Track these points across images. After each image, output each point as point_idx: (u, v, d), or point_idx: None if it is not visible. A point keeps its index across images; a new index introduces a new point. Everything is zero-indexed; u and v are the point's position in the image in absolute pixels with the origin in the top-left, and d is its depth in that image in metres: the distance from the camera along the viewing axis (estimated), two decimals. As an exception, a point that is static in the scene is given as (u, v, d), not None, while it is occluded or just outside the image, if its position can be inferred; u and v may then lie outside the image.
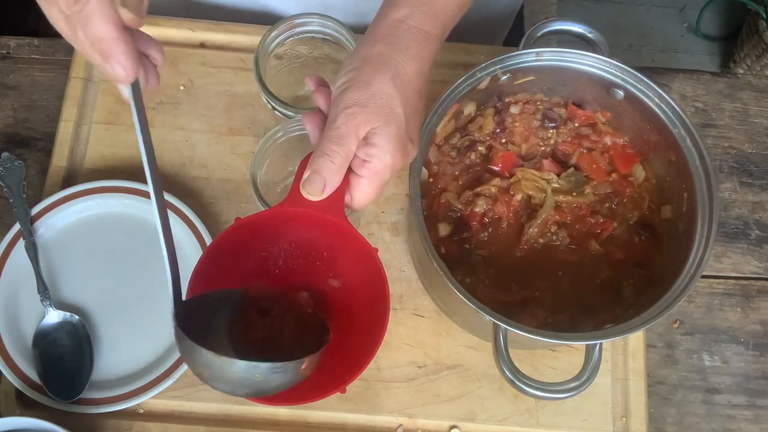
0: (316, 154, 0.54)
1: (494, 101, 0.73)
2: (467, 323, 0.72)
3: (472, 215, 0.70)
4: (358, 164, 0.55)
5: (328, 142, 0.54)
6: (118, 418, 0.70)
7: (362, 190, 0.55)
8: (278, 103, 0.69)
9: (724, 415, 0.75)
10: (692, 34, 2.00)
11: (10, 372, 0.69)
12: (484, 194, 0.70)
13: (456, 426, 0.72)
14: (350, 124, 0.53)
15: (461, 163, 0.73)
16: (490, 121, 0.73)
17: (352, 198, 0.56)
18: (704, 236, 0.63)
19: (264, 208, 0.63)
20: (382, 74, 0.54)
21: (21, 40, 0.86)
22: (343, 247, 0.60)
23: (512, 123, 0.74)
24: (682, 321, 0.78)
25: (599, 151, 0.73)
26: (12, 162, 0.78)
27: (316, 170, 0.54)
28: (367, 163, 0.54)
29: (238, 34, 0.84)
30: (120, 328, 0.72)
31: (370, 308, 0.59)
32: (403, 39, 0.56)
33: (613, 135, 0.73)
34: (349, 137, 0.53)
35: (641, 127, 0.70)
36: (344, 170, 0.55)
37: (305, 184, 0.55)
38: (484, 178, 0.72)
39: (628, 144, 0.73)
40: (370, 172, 0.55)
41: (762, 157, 0.84)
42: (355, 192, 0.56)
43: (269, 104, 0.70)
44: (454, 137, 0.73)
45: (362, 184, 0.55)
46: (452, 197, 0.71)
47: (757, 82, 0.87)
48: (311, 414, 0.72)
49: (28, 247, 0.72)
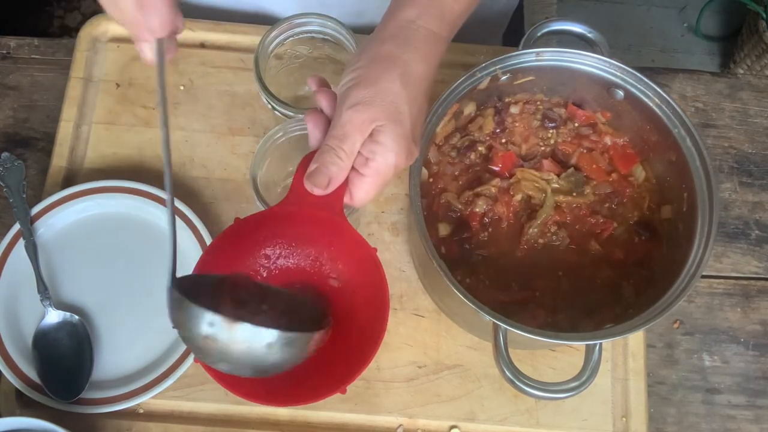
0: (323, 149, 0.54)
1: (494, 101, 0.73)
2: (467, 323, 0.72)
3: (472, 215, 0.70)
4: (361, 162, 0.55)
5: (334, 139, 0.54)
6: (118, 418, 0.70)
7: (363, 189, 0.55)
8: (278, 103, 0.69)
9: (724, 415, 0.75)
10: (692, 34, 2.00)
11: (10, 372, 0.69)
12: (484, 194, 0.70)
13: (456, 426, 0.72)
14: (355, 121, 0.53)
15: (461, 163, 0.73)
16: (490, 121, 0.73)
17: (352, 196, 0.56)
18: (704, 236, 0.63)
19: (264, 207, 0.63)
20: (389, 73, 0.54)
21: (21, 40, 0.86)
22: (343, 247, 0.59)
23: (512, 123, 0.74)
24: (682, 321, 0.78)
25: (599, 151, 0.73)
26: (12, 162, 0.78)
27: (322, 164, 0.54)
28: (370, 161, 0.54)
29: (238, 34, 0.84)
30: (120, 328, 0.72)
31: (369, 308, 0.59)
32: (412, 39, 0.56)
33: (613, 135, 0.73)
34: (354, 134, 0.53)
35: (641, 127, 0.70)
36: (349, 166, 0.54)
37: (310, 176, 0.55)
38: (484, 178, 0.72)
39: (628, 144, 0.73)
40: (372, 170, 0.54)
41: (762, 157, 0.84)
42: (356, 190, 0.55)
43: (269, 104, 0.70)
44: (454, 137, 0.73)
45: (364, 183, 0.55)
46: (452, 197, 0.71)
47: (757, 82, 0.87)
48: (311, 414, 0.72)
49: (28, 247, 0.72)
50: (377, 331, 0.56)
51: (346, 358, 0.58)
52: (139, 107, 0.81)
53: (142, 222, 0.75)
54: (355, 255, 0.58)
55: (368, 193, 0.56)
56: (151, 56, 0.54)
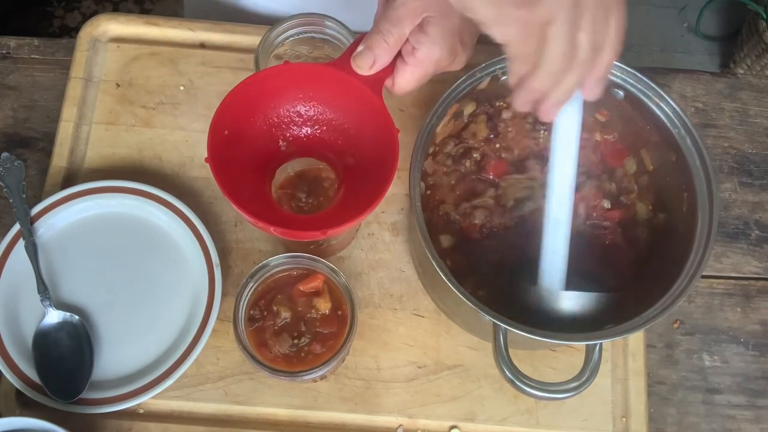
0: (373, 31, 0.57)
1: (485, 107, 0.73)
2: (467, 323, 0.72)
3: (470, 227, 0.70)
4: (408, 51, 0.57)
5: (385, 22, 0.56)
6: (118, 418, 0.70)
7: (405, 77, 0.58)
8: (278, 103, 0.69)
9: (724, 415, 0.75)
10: (692, 34, 2.00)
11: (10, 372, 0.69)
12: (482, 206, 0.70)
13: (456, 426, 0.72)
14: (409, 7, 0.55)
15: (456, 171, 0.72)
16: (484, 128, 0.73)
17: (393, 83, 0.59)
18: (704, 236, 0.63)
19: None
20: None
21: (21, 40, 0.86)
22: (369, 125, 0.61)
23: (505, 128, 0.74)
24: (682, 321, 0.78)
25: (591, 149, 0.73)
26: (12, 162, 0.78)
27: (369, 46, 0.57)
28: (416, 50, 0.57)
29: (238, 34, 0.84)
30: (120, 328, 0.72)
31: (374, 180, 0.61)
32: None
33: (603, 131, 0.73)
34: (405, 20, 0.55)
35: (641, 127, 0.70)
36: (395, 51, 0.57)
37: (356, 57, 0.58)
38: (479, 188, 0.71)
39: (618, 140, 0.73)
40: (416, 60, 0.57)
41: (762, 157, 0.84)
42: (398, 77, 0.59)
43: (269, 104, 0.70)
44: (449, 145, 0.72)
45: (406, 71, 0.58)
46: (450, 208, 0.70)
47: (757, 82, 0.87)
48: (311, 414, 0.72)
49: (28, 247, 0.72)
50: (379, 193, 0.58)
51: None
52: (139, 107, 0.81)
53: (142, 222, 0.75)
54: (379, 136, 0.60)
55: (408, 83, 0.59)
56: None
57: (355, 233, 0.77)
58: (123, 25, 0.84)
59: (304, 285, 0.67)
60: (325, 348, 0.66)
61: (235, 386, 0.72)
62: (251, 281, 0.66)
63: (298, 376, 0.64)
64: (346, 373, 0.73)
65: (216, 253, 0.73)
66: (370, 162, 0.62)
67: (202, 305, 0.71)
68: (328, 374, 0.72)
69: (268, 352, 0.65)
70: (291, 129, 0.64)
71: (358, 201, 0.60)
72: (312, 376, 0.64)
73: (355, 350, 0.73)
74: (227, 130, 0.61)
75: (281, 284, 0.67)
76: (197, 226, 0.74)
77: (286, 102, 0.63)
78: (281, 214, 0.65)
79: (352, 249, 0.77)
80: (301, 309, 0.66)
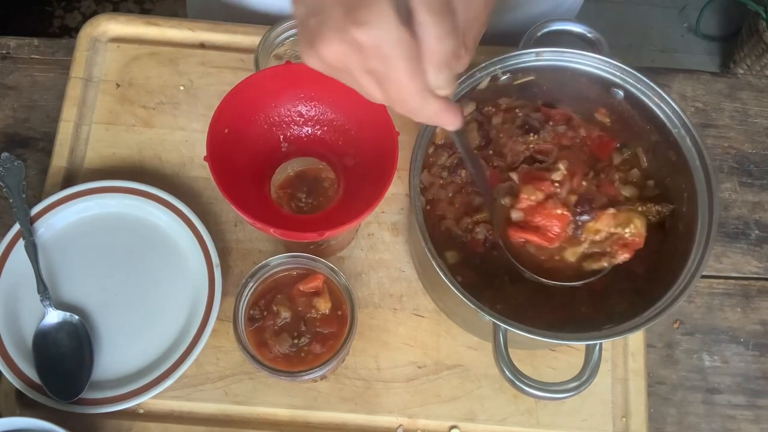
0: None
1: (475, 115, 0.73)
2: (467, 323, 0.72)
3: (473, 242, 0.69)
4: None
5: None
6: (118, 418, 0.70)
7: None
8: (278, 103, 0.69)
9: (724, 415, 0.75)
10: (692, 34, 2.00)
11: (10, 372, 0.69)
12: (483, 221, 0.70)
13: (456, 426, 0.72)
14: None
15: (453, 183, 0.71)
16: (476, 135, 0.72)
17: None
18: (704, 236, 0.63)
19: None
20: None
21: (21, 40, 0.86)
22: (369, 126, 0.62)
23: (496, 134, 0.73)
24: (682, 321, 0.78)
25: (578, 146, 0.72)
26: (12, 162, 0.78)
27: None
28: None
29: (238, 34, 0.84)
30: (120, 328, 0.72)
31: (374, 181, 0.61)
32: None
33: (587, 127, 0.73)
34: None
35: (641, 127, 0.70)
36: None
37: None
38: (477, 201, 0.70)
39: (604, 133, 0.72)
40: None
41: (762, 157, 0.84)
42: None
43: (269, 104, 0.70)
44: (443, 156, 0.72)
45: None
46: (452, 224, 0.70)
47: (757, 82, 0.87)
48: (311, 414, 0.72)
49: (28, 247, 0.72)
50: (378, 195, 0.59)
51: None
52: (139, 107, 0.81)
53: (142, 222, 0.75)
54: (378, 137, 0.61)
55: None
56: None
57: (355, 233, 0.77)
58: (123, 25, 0.84)
59: (304, 285, 0.67)
60: (325, 348, 0.66)
61: (235, 386, 0.72)
62: (251, 281, 0.66)
63: (298, 376, 0.64)
64: (346, 373, 0.73)
65: (216, 253, 0.73)
66: (369, 162, 0.62)
67: (202, 305, 0.71)
68: (328, 374, 0.72)
69: (268, 352, 0.65)
70: (292, 128, 0.64)
71: (358, 201, 0.60)
72: (312, 376, 0.64)
73: (355, 350, 0.73)
74: (227, 129, 0.61)
75: (281, 284, 0.67)
76: (197, 226, 0.74)
77: (287, 102, 0.63)
78: (280, 215, 0.65)
79: (352, 249, 0.77)
80: (301, 309, 0.66)
